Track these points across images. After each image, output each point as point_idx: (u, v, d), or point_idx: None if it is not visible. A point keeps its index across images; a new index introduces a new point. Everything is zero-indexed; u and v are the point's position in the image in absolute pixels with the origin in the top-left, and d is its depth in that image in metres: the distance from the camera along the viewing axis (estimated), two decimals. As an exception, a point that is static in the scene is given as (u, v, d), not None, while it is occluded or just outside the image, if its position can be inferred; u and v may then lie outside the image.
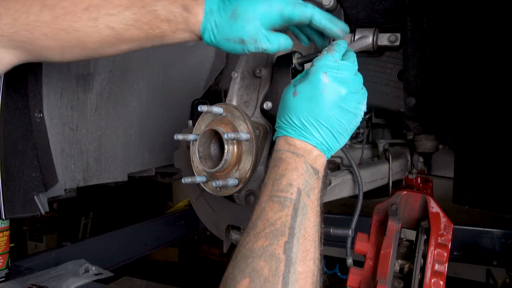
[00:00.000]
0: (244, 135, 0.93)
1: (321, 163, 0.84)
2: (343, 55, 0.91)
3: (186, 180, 0.99)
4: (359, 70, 0.90)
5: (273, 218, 0.75)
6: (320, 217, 0.82)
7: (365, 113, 1.69)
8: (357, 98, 0.86)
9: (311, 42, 1.07)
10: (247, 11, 0.88)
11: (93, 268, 2.00)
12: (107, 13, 0.88)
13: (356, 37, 1.37)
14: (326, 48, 0.89)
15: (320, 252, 0.79)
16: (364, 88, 0.89)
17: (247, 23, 0.88)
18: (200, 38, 0.94)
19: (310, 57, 1.06)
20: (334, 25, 0.95)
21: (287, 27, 0.98)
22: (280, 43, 0.92)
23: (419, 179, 2.50)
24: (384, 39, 1.36)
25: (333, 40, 0.96)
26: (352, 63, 0.88)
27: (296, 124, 0.82)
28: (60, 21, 0.87)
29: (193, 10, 0.89)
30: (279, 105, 0.89)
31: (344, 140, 0.87)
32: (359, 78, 0.89)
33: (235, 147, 0.97)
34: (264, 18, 0.89)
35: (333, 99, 0.82)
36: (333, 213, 3.18)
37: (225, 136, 0.91)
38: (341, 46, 0.91)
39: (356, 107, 0.86)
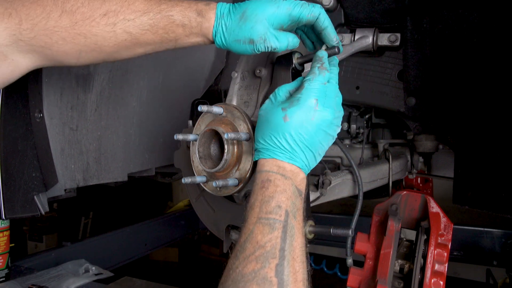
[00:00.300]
0: (244, 135, 0.93)
1: (304, 184, 0.86)
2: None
3: (186, 180, 1.00)
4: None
5: (263, 241, 0.75)
6: (305, 237, 0.82)
7: (365, 113, 1.71)
8: (338, 122, 0.89)
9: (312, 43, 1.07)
10: (256, 13, 0.91)
11: (93, 268, 2.00)
12: (124, 18, 0.91)
13: (356, 37, 1.37)
14: (318, 65, 0.90)
15: (308, 272, 0.79)
16: (342, 109, 0.91)
17: (256, 23, 0.90)
18: (212, 42, 0.96)
19: (310, 57, 1.06)
20: (334, 29, 0.97)
21: (294, 28, 1.00)
22: (289, 41, 0.95)
23: (419, 179, 2.50)
24: (384, 39, 1.36)
25: (325, 47, 0.98)
26: (335, 84, 0.90)
27: (285, 148, 0.83)
28: (79, 26, 0.90)
29: (207, 15, 0.93)
30: (260, 125, 0.88)
31: (320, 159, 0.89)
32: (340, 99, 0.91)
33: (235, 147, 0.97)
34: (272, 18, 0.91)
35: (321, 125, 0.84)
36: (333, 213, 3.19)
37: (225, 136, 0.91)
38: (326, 61, 0.93)
39: (335, 130, 0.89)
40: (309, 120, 0.83)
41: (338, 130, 0.89)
